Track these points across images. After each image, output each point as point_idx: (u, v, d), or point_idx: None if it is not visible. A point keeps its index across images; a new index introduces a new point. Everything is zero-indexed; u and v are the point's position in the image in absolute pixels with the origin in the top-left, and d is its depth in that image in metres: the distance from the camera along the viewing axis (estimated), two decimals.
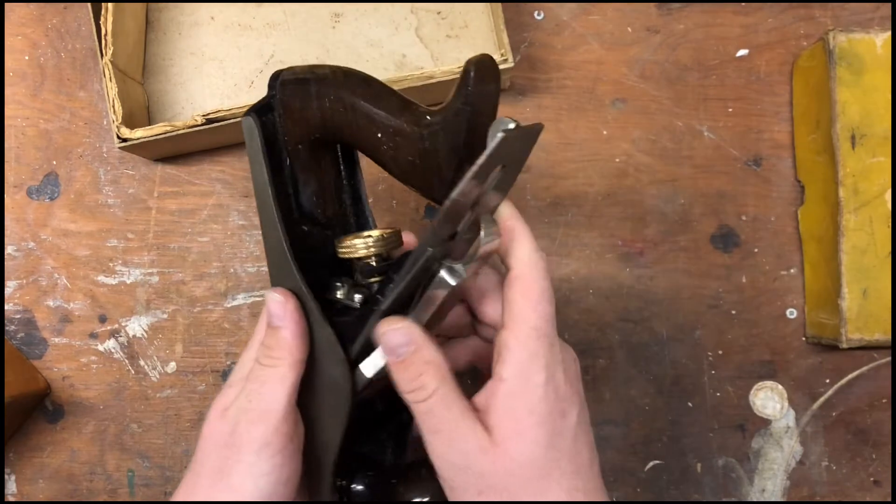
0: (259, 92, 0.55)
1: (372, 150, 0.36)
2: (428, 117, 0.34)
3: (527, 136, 0.34)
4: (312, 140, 0.37)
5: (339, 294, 0.37)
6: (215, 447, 0.36)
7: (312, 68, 0.37)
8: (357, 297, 0.37)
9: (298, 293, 0.36)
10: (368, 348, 0.35)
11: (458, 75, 0.49)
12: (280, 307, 0.36)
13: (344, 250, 0.37)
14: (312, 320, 0.36)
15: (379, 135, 0.35)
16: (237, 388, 0.37)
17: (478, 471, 0.33)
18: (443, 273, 0.33)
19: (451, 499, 0.34)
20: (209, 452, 0.36)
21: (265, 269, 0.54)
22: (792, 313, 0.54)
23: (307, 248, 0.37)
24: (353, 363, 0.35)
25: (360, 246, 0.37)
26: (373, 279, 0.37)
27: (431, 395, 0.33)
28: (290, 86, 0.36)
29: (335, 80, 0.36)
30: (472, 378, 0.41)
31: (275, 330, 0.36)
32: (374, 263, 0.37)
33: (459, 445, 0.33)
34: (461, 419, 0.33)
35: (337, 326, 0.36)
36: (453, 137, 0.34)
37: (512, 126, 0.31)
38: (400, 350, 0.33)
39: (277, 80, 0.37)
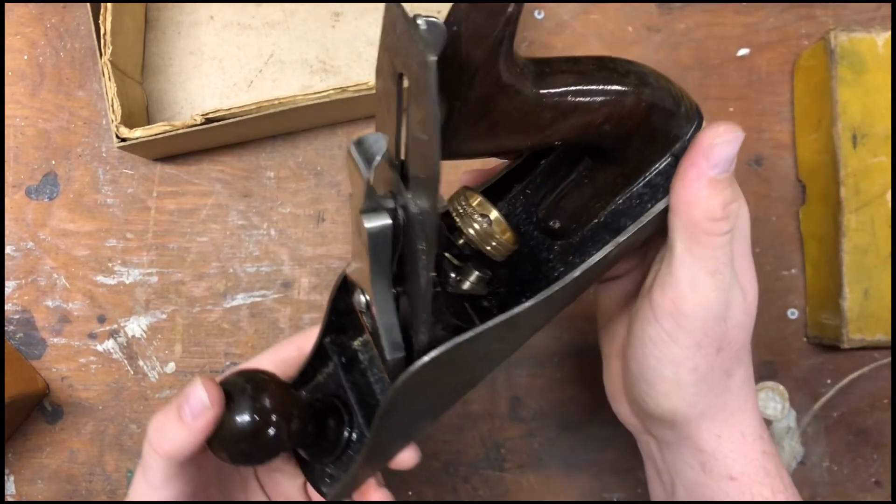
0: (258, 92, 0.55)
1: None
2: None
3: None
4: None
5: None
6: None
7: None
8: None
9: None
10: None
11: None
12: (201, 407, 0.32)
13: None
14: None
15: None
16: None
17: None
18: None
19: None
20: None
21: (264, 268, 0.54)
22: (793, 313, 0.54)
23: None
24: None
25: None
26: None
27: (728, 232, 0.31)
28: None
29: None
30: None
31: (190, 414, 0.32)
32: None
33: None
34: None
35: None
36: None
37: None
38: (725, 165, 0.30)
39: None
